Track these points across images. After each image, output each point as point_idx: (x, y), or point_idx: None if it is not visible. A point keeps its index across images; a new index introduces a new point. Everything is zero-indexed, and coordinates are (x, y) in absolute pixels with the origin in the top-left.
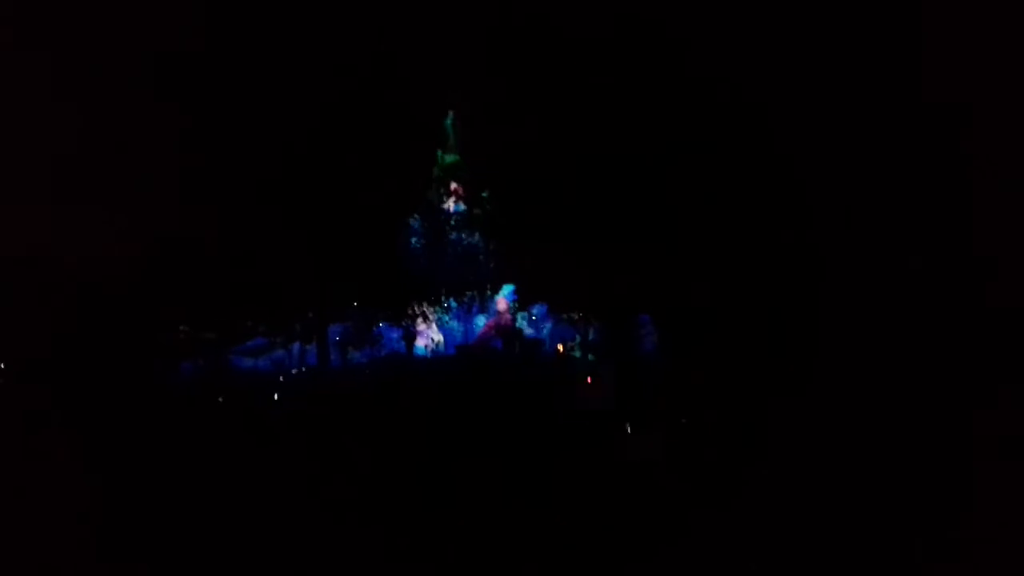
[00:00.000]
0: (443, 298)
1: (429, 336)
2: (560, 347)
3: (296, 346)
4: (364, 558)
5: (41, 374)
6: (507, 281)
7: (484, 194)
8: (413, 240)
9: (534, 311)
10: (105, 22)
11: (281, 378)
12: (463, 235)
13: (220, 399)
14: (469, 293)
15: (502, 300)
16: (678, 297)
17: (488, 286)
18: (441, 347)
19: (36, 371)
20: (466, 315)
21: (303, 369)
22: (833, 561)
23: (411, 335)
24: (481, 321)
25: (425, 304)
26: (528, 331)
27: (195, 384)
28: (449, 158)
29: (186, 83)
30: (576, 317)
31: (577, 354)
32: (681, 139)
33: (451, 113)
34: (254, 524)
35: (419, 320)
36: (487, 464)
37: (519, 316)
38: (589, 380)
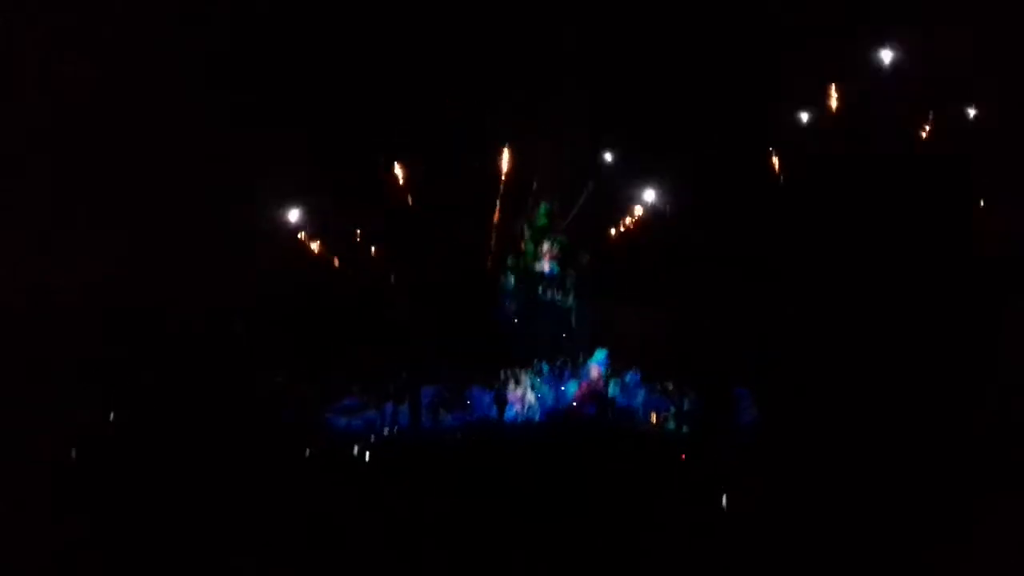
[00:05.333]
0: (535, 362)
1: (520, 400)
2: (654, 417)
3: (388, 406)
4: None
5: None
6: (600, 346)
7: (580, 258)
8: (506, 302)
9: (627, 378)
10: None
11: (372, 438)
12: (557, 298)
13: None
14: (561, 358)
15: (595, 366)
16: (779, 370)
17: (580, 351)
18: (532, 412)
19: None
20: (558, 380)
21: (394, 430)
22: None
23: (503, 399)
24: (573, 387)
25: (517, 368)
26: (620, 399)
27: (291, 432)
28: (544, 219)
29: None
30: (670, 387)
31: (671, 425)
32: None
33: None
34: None
35: (511, 384)
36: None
37: (611, 383)
38: (683, 457)
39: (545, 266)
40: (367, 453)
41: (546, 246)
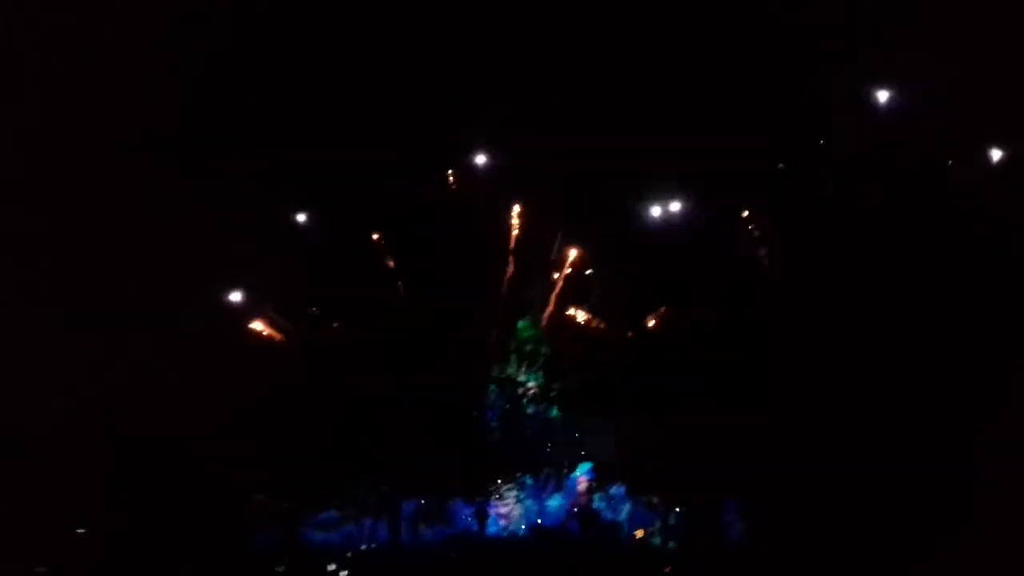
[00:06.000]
0: (518, 475)
1: (503, 514)
2: (639, 532)
3: (368, 520)
4: None
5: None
6: (584, 459)
7: (564, 369)
8: (489, 414)
9: (612, 492)
10: None
11: (349, 554)
12: (540, 410)
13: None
14: (545, 470)
15: (582, 479)
16: (766, 482)
17: (565, 464)
18: (515, 526)
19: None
20: (541, 493)
21: (373, 545)
22: None
23: (484, 513)
24: (556, 500)
25: (500, 481)
26: (606, 513)
27: (267, 553)
28: (529, 331)
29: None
30: (655, 500)
31: (657, 540)
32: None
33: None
34: None
35: (493, 497)
36: None
37: (596, 497)
38: (667, 570)
39: (529, 378)
40: (344, 570)
41: (530, 359)
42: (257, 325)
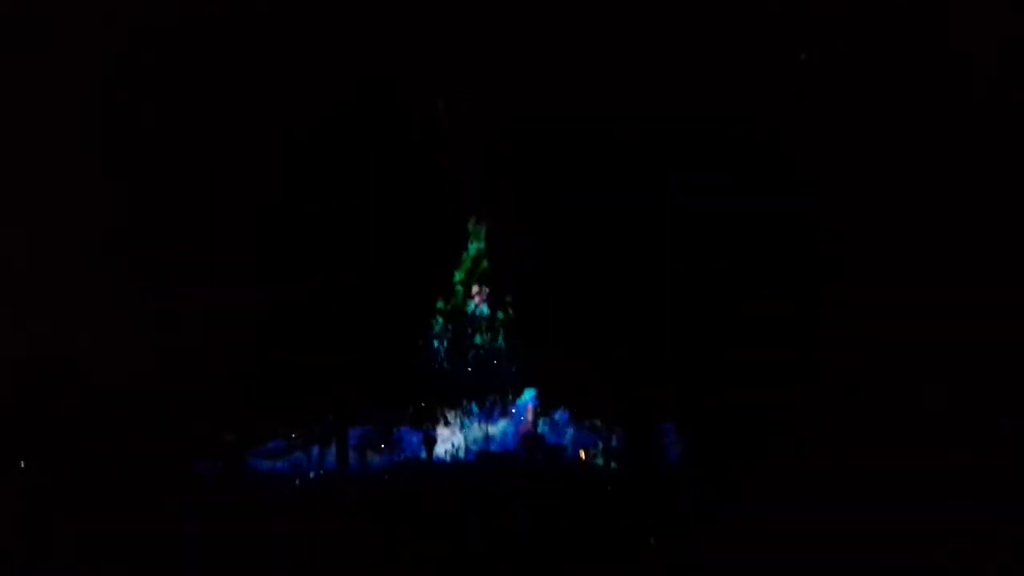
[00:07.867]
0: (464, 402)
1: (450, 440)
2: (582, 454)
3: (315, 449)
4: None
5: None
6: (529, 385)
7: (508, 298)
8: (435, 342)
9: (556, 416)
10: None
11: (297, 481)
12: (486, 338)
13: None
14: (491, 397)
15: (530, 407)
16: (703, 405)
17: (510, 390)
18: (461, 452)
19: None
20: (487, 419)
21: (321, 472)
22: None
23: (431, 439)
24: (502, 425)
25: (446, 408)
26: (550, 437)
27: (210, 484)
28: (473, 261)
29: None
30: (598, 424)
31: (600, 462)
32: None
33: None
34: None
35: (440, 424)
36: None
37: (541, 421)
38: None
39: (475, 307)
40: (292, 496)
41: (476, 287)
42: None
